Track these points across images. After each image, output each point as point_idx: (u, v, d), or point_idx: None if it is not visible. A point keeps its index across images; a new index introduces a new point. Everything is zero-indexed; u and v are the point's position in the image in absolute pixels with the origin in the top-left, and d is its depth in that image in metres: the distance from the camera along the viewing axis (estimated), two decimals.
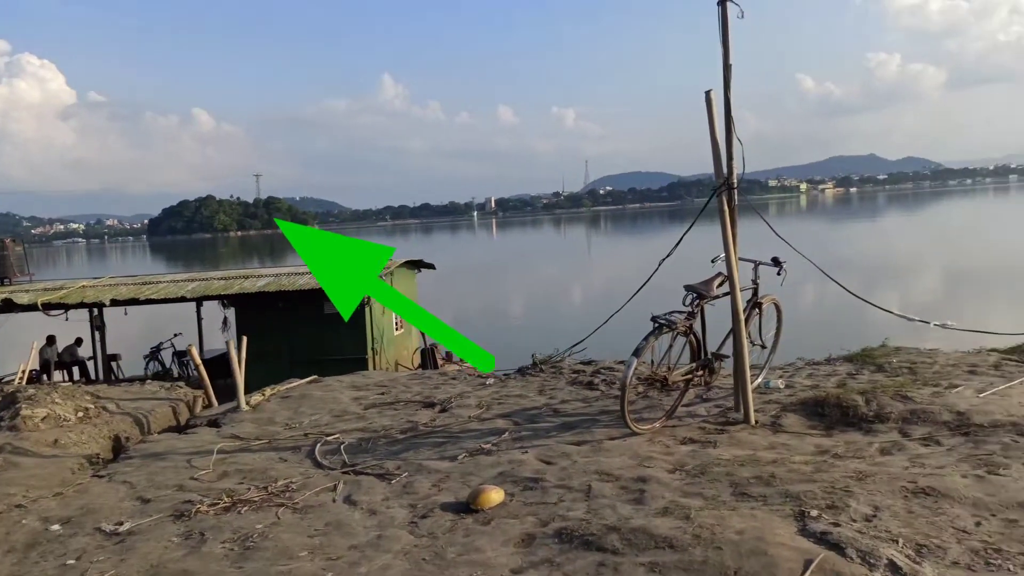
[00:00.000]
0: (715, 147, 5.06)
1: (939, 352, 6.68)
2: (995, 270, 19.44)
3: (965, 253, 26.29)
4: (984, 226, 42.17)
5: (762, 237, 6.07)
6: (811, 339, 8.31)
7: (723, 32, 4.95)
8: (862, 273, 20.09)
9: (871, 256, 26.87)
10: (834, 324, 6.68)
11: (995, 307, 14.48)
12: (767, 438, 4.74)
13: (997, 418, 4.57)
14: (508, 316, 23.33)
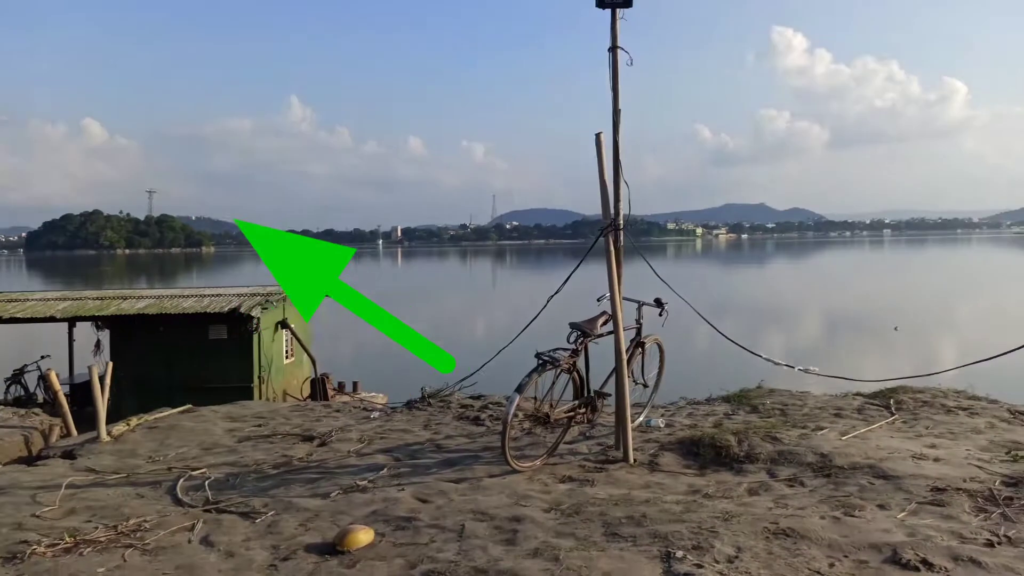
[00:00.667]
0: (603, 188, 5.16)
1: (809, 395, 7.01)
2: (866, 318, 20.82)
3: (841, 301, 28.02)
4: (859, 276, 45.20)
5: (651, 278, 6.21)
6: (695, 378, 8.57)
7: (613, 78, 5.09)
8: (748, 315, 21.07)
9: (758, 300, 28.21)
10: (718, 364, 6.96)
11: (865, 352, 15.45)
12: (643, 477, 4.80)
13: (856, 460, 4.79)
14: (402, 347, 23.06)
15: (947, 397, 6.82)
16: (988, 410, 6.49)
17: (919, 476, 4.49)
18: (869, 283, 38.40)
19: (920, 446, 5.20)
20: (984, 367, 6.32)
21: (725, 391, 7.35)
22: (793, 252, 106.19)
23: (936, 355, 16.00)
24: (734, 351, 7.00)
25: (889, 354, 16.60)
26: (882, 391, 7.02)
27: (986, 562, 3.29)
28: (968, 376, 8.18)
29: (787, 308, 24.70)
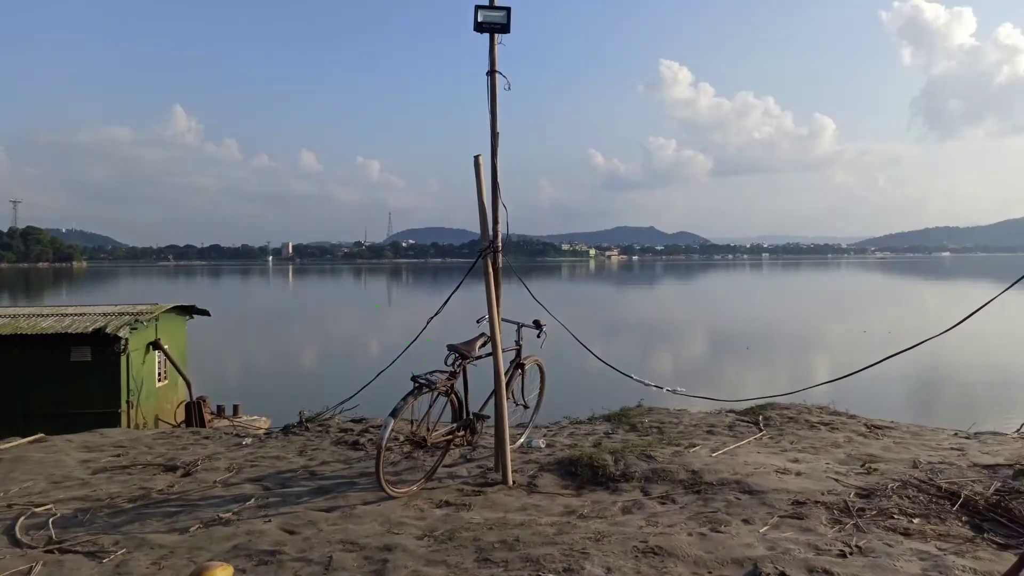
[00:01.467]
0: (482, 211, 5.15)
1: (686, 413, 7.23)
2: (744, 338, 21.90)
3: (721, 321, 29.35)
4: (739, 297, 47.56)
5: (539, 298, 6.23)
6: (578, 397, 8.68)
7: (491, 101, 5.10)
8: (634, 334, 21.68)
9: (645, 319, 29.12)
10: (602, 383, 7.11)
11: (740, 370, 16.19)
12: (521, 499, 4.76)
13: (724, 476, 4.95)
14: (291, 368, 22.18)
15: (811, 413, 7.20)
16: (847, 425, 6.89)
17: (781, 490, 4.68)
18: (747, 304, 40.45)
19: (784, 461, 5.44)
20: (847, 383, 6.71)
21: (607, 410, 7.48)
22: (680, 273, 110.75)
23: (804, 373, 16.91)
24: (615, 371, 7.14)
25: (761, 372, 17.41)
26: (752, 408, 7.34)
27: (838, 572, 3.44)
28: (831, 392, 8.67)
29: (671, 328, 25.60)
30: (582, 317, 27.69)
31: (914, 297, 40.09)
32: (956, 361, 16.14)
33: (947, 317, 16.20)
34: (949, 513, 4.30)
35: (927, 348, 5.67)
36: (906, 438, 6.45)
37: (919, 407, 10.57)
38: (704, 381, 12.44)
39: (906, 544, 3.82)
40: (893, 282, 61.06)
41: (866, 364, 6.27)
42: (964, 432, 6.94)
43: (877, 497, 4.55)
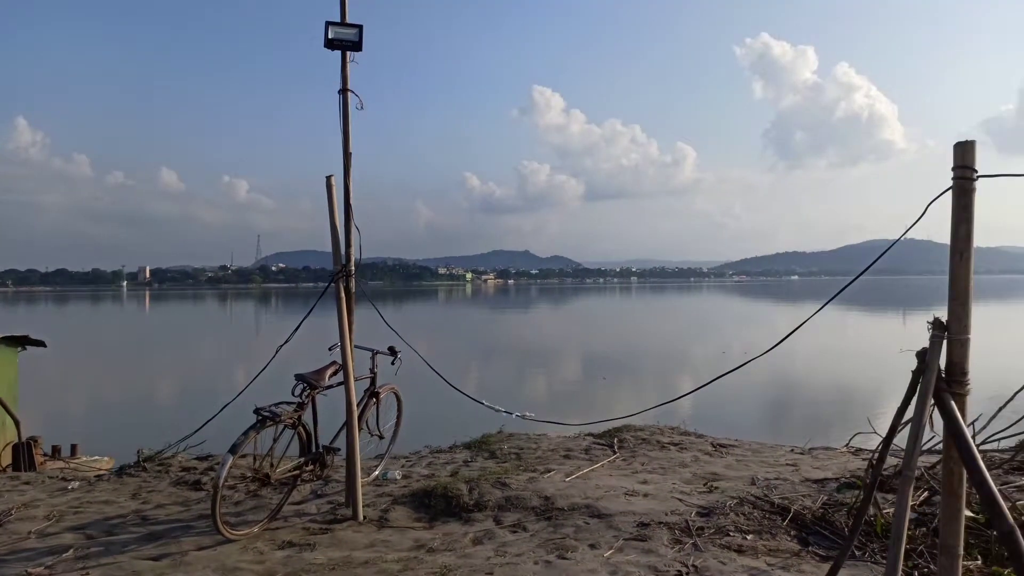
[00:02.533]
0: (334, 233, 5.00)
1: (545, 438, 7.30)
2: (611, 360, 22.59)
3: (589, 344, 30.15)
4: (608, 320, 49.09)
5: (418, 322, 6.11)
6: (441, 426, 8.58)
7: (344, 120, 4.99)
8: (498, 358, 21.84)
9: (513, 343, 29.40)
10: (464, 410, 7.02)
11: (606, 392, 16.61)
12: (370, 535, 4.61)
13: (576, 501, 5.01)
14: (139, 403, 20.63)
15: (663, 434, 7.46)
16: (696, 444, 7.19)
17: (628, 512, 4.78)
18: (615, 327, 41.82)
19: (634, 483, 5.58)
20: (705, 403, 6.99)
21: (469, 438, 7.43)
22: (554, 297, 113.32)
23: (664, 394, 17.55)
24: (483, 396, 7.11)
25: (623, 394, 17.90)
26: (608, 431, 7.51)
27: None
28: (684, 412, 9.02)
29: (540, 352, 25.99)
30: (452, 342, 27.69)
31: (767, 318, 42.92)
32: (803, 379, 17.35)
33: (795, 338, 17.14)
34: (779, 528, 4.53)
35: (776, 366, 6.01)
36: (747, 456, 6.80)
37: (766, 425, 11.23)
38: (568, 404, 12.67)
39: (739, 561, 3.99)
40: (748, 304, 65.15)
41: (697, 386, 6.57)
42: (800, 448, 7.41)
43: (716, 515, 4.74)
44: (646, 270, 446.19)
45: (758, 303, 62.70)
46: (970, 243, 2.76)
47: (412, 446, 7.31)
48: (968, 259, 2.75)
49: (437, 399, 5.95)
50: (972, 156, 2.72)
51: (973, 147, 2.73)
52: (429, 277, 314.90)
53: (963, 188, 2.73)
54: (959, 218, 2.73)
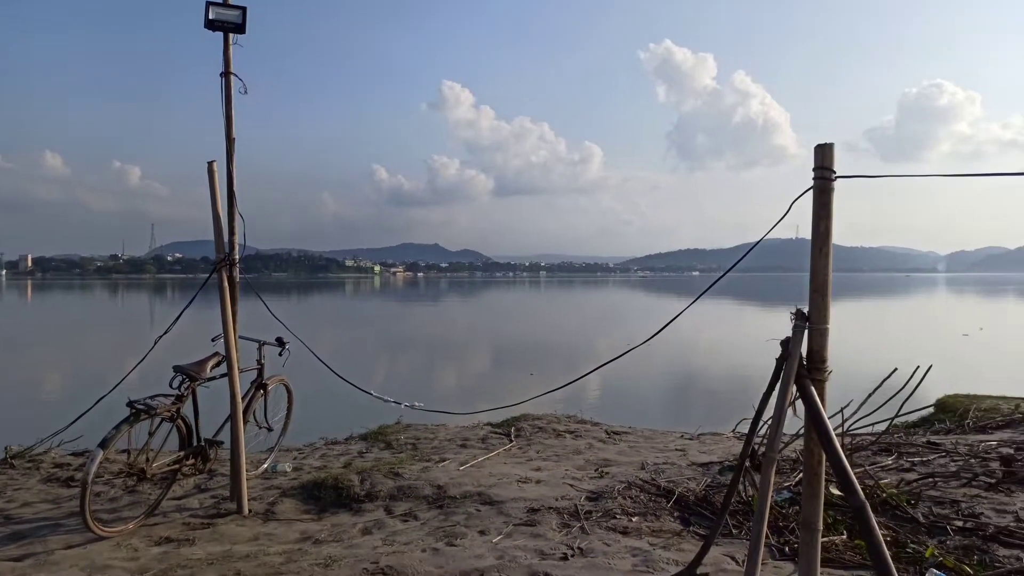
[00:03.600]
0: (216, 220, 4.82)
1: (444, 428, 7.30)
2: (511, 351, 22.77)
3: (494, 335, 30.31)
4: (516, 313, 49.48)
5: (321, 314, 5.95)
6: (338, 417, 8.43)
7: (226, 105, 4.81)
8: (399, 350, 21.69)
9: (418, 335, 29.20)
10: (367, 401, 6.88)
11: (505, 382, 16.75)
12: (254, 528, 4.49)
13: (468, 489, 5.04)
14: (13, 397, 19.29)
15: (559, 422, 7.60)
16: (591, 432, 7.36)
17: (520, 499, 4.85)
18: (522, 319, 42.19)
19: (528, 470, 5.66)
20: (606, 392, 7.13)
21: (365, 429, 7.35)
22: (463, 290, 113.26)
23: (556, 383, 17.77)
24: (388, 387, 7.04)
25: (522, 383, 18.08)
26: (507, 420, 7.60)
27: (557, 575, 3.61)
28: (584, 401, 9.20)
29: (445, 343, 25.95)
30: (356, 334, 27.27)
31: (667, 311, 44.51)
32: (697, 368, 18.02)
33: (694, 330, 17.82)
34: (664, 510, 4.71)
35: (673, 356, 6.19)
36: (640, 442, 7.02)
37: (660, 412, 11.61)
38: (470, 395, 12.70)
39: (623, 542, 4.11)
40: (651, 298, 67.10)
41: (579, 375, 6.74)
42: (690, 434, 7.71)
43: (605, 499, 4.87)
44: (554, 265, 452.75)
45: (660, 297, 64.67)
46: (829, 239, 2.93)
47: (307, 438, 7.17)
48: (827, 253, 2.93)
49: (335, 391, 5.84)
50: (831, 158, 2.89)
51: (832, 149, 2.90)
52: (336, 269, 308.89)
53: (823, 187, 2.89)
54: (819, 215, 2.89)
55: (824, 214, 2.90)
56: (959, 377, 14.27)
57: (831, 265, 2.96)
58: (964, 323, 31.63)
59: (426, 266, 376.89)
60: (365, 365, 18.57)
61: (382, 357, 20.67)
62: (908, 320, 38.58)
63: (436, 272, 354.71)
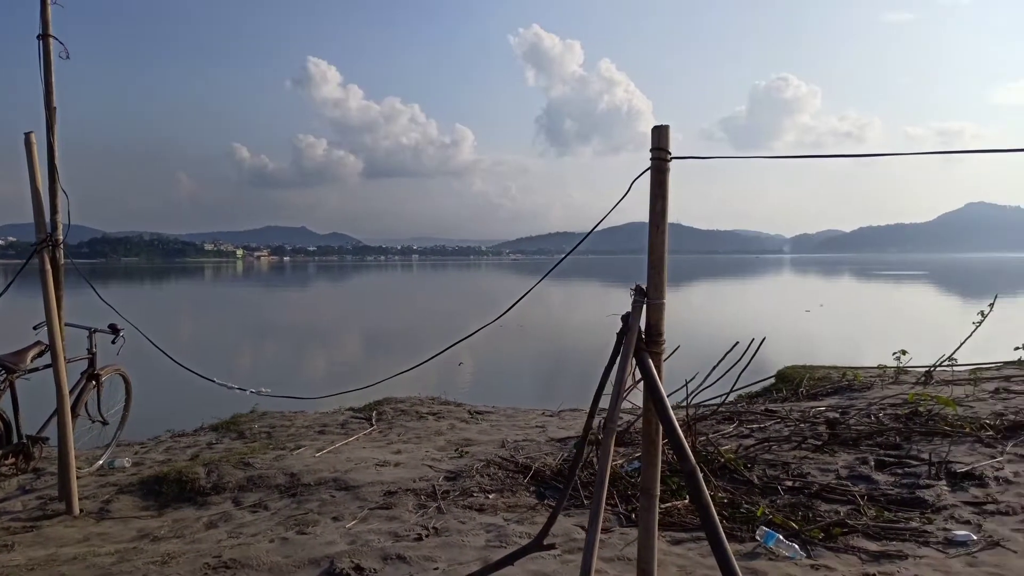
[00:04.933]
0: (35, 198, 4.39)
1: (302, 415, 7.09)
2: (380, 337, 22.47)
3: (364, 319, 29.79)
4: (382, 298, 48.70)
5: (176, 301, 5.54)
6: (189, 408, 7.99)
7: (45, 70, 4.38)
8: (255, 337, 20.91)
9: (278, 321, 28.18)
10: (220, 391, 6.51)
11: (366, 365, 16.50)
12: (85, 529, 4.17)
13: (324, 475, 4.92)
14: None
15: (423, 404, 7.57)
16: (454, 413, 7.38)
17: (377, 483, 4.79)
18: (390, 303, 41.65)
19: (387, 453, 5.60)
20: (473, 373, 7.11)
21: (217, 419, 7.01)
22: (333, 274, 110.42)
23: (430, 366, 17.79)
24: (235, 378, 6.72)
25: (386, 365, 17.79)
26: (369, 404, 7.48)
27: (411, 555, 3.59)
28: (444, 383, 9.21)
29: (306, 328, 25.20)
30: (212, 322, 26.01)
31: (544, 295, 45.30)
32: (563, 346, 18.53)
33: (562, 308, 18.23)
34: (520, 485, 4.79)
35: (540, 334, 6.25)
36: (502, 421, 7.12)
37: (525, 391, 11.84)
38: (334, 379, 12.43)
39: (479, 519, 4.15)
40: (522, 281, 68.26)
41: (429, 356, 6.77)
42: (551, 411, 7.90)
43: (463, 478, 4.90)
44: (427, 248, 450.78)
45: (529, 279, 65.99)
46: (665, 217, 3.05)
47: (151, 431, 6.76)
48: (663, 232, 3.04)
49: (183, 381, 5.51)
50: (667, 139, 3.00)
51: (667, 131, 3.01)
52: (194, 253, 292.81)
53: (659, 168, 3.00)
54: (655, 195, 3.00)
55: (660, 194, 3.00)
56: (800, 350, 15.48)
57: (667, 243, 3.08)
58: (807, 300, 34.32)
59: (293, 250, 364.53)
60: (221, 353, 17.73)
61: (241, 344, 19.81)
62: (757, 298, 41.40)
63: (304, 256, 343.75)
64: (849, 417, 6.14)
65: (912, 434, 5.46)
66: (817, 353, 14.23)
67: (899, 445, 5.32)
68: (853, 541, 3.72)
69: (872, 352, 10.75)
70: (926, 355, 8.65)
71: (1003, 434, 5.38)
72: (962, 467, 4.65)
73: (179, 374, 5.45)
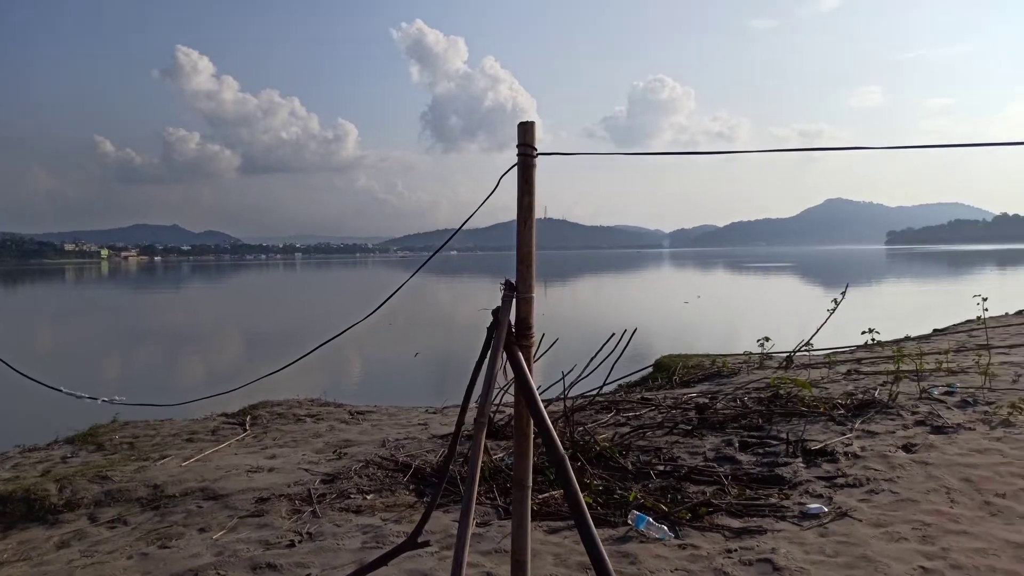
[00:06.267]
0: None
1: (169, 422, 6.73)
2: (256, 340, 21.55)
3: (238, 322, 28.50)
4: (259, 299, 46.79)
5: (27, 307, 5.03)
6: (44, 421, 7.40)
7: None
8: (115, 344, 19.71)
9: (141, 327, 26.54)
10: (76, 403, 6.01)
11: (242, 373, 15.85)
12: None
13: (190, 485, 4.68)
14: None
15: (301, 407, 7.35)
16: (334, 414, 7.21)
17: (248, 490, 4.60)
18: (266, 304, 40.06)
19: (261, 459, 5.40)
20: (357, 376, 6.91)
21: (74, 431, 6.53)
22: (209, 275, 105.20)
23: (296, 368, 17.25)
24: (97, 388, 6.26)
25: (256, 369, 17.06)
26: (244, 408, 7.19)
27: (282, 563, 3.47)
28: (325, 384, 8.98)
29: (175, 332, 23.88)
30: (69, 328, 24.26)
31: (421, 289, 44.94)
32: (447, 343, 18.50)
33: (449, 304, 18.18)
34: (400, 484, 4.74)
35: (425, 331, 6.16)
36: (383, 420, 7.02)
37: (409, 388, 11.73)
38: (209, 383, 11.87)
39: (355, 521, 4.07)
40: (403, 277, 67.67)
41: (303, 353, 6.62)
42: (435, 408, 7.86)
43: (340, 480, 4.79)
44: (311, 246, 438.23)
45: (422, 278, 65.43)
46: (533, 212, 3.08)
47: (1, 447, 6.21)
48: (531, 227, 3.07)
49: (34, 394, 5.09)
50: (532, 135, 3.02)
51: (533, 127, 3.04)
52: (53, 254, 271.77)
53: (526, 163, 3.02)
54: (523, 190, 3.02)
55: (527, 189, 3.02)
56: (679, 339, 16.16)
57: (535, 238, 3.11)
58: (685, 292, 35.85)
59: (165, 249, 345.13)
60: (81, 361, 16.54)
61: (105, 352, 18.56)
62: (639, 292, 42.89)
63: (177, 256, 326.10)
64: (717, 402, 6.46)
65: (773, 415, 5.81)
66: (694, 342, 14.90)
67: (761, 426, 5.65)
68: (718, 519, 3.91)
69: (743, 340, 11.37)
70: (790, 341, 9.24)
71: (853, 412, 5.81)
72: (816, 444, 4.98)
73: (27, 385, 5.04)
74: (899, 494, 4.06)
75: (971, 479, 4.23)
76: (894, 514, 3.79)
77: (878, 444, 4.96)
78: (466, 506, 2.91)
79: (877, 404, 5.95)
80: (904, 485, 4.19)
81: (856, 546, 3.43)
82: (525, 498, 3.07)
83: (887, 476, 4.35)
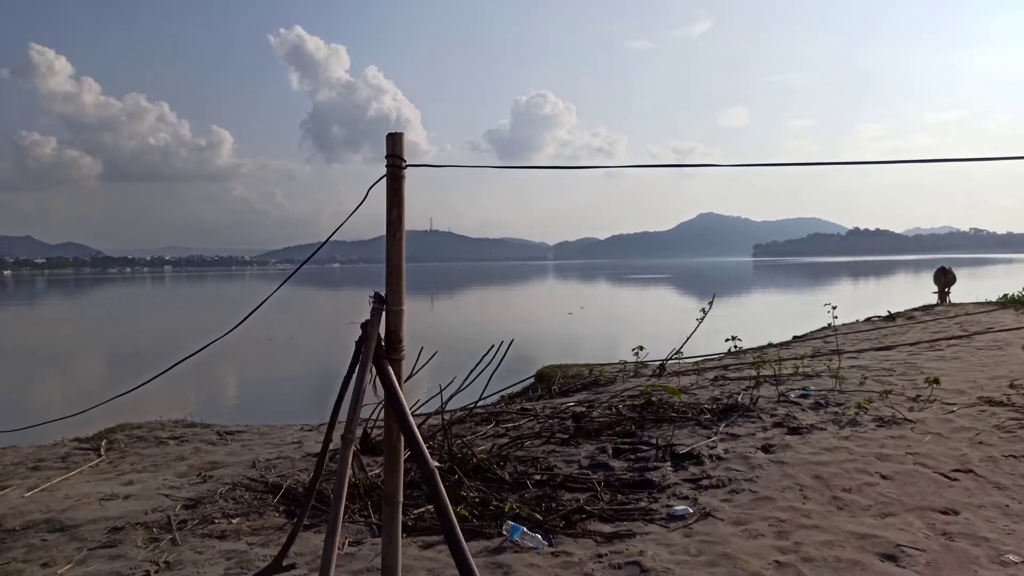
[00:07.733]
0: None
1: (11, 450, 6.18)
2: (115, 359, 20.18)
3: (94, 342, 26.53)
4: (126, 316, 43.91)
5: None
6: None
7: None
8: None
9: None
10: None
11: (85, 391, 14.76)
12: None
13: (34, 517, 4.31)
14: None
15: (164, 429, 6.94)
16: (200, 435, 6.84)
17: (100, 519, 4.28)
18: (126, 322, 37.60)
19: (116, 485, 5.04)
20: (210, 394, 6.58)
21: None
22: (66, 290, 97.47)
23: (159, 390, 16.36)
24: None
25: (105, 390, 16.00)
26: (100, 432, 6.71)
27: None
28: (189, 405, 8.52)
29: (19, 353, 22.05)
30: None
31: (302, 303, 43.54)
32: (323, 355, 18.04)
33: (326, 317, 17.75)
34: (269, 506, 4.55)
35: (300, 345, 5.93)
36: (255, 439, 6.73)
37: (283, 406, 11.32)
38: (52, 406, 11.00)
39: (219, 547, 3.87)
40: (292, 291, 65.53)
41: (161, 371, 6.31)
42: (310, 425, 7.62)
43: (204, 505, 4.55)
44: (182, 259, 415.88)
45: (297, 290, 63.38)
46: (402, 224, 3.04)
47: None
48: (401, 239, 3.04)
49: None
50: (401, 146, 2.99)
51: (402, 138, 3.01)
52: None
53: (394, 175, 2.99)
54: (392, 202, 2.98)
55: (396, 201, 2.99)
56: (562, 350, 16.46)
57: (404, 250, 3.09)
58: (569, 303, 36.65)
59: (16, 262, 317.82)
60: None
61: None
62: (524, 303, 43.49)
63: (30, 269, 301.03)
64: (593, 410, 6.61)
65: (645, 422, 6.01)
66: (576, 352, 15.22)
67: (634, 433, 5.83)
68: (591, 525, 3.99)
69: (622, 349, 11.73)
70: (663, 349, 9.62)
71: (718, 416, 6.11)
72: (684, 448, 5.20)
73: None
74: (758, 493, 4.30)
75: (822, 476, 4.53)
76: (753, 512, 4.01)
77: (740, 446, 5.23)
78: (332, 525, 2.83)
79: (740, 408, 6.28)
80: (762, 484, 4.44)
81: (717, 544, 3.60)
82: (396, 514, 3.02)
83: (747, 476, 4.60)
